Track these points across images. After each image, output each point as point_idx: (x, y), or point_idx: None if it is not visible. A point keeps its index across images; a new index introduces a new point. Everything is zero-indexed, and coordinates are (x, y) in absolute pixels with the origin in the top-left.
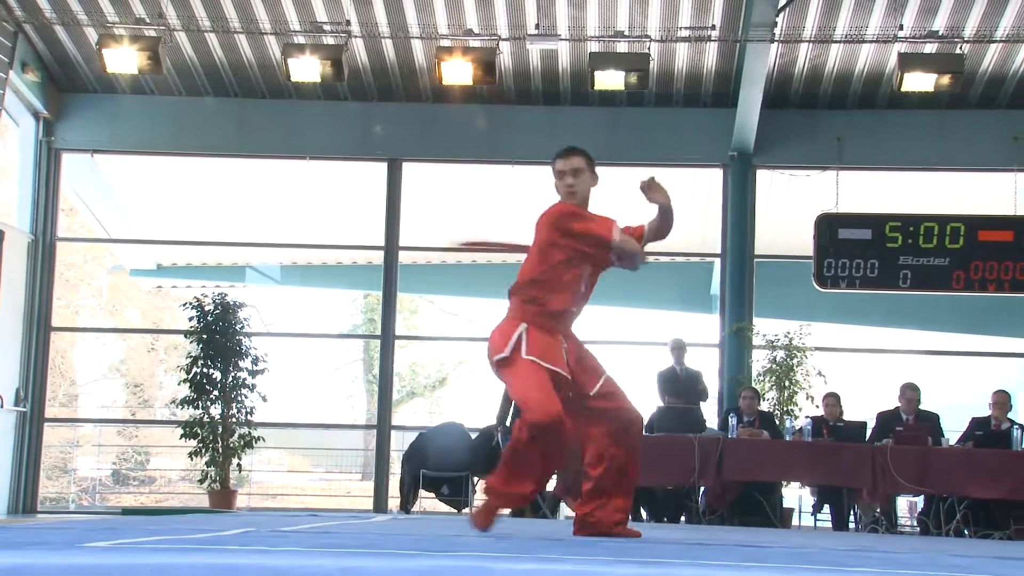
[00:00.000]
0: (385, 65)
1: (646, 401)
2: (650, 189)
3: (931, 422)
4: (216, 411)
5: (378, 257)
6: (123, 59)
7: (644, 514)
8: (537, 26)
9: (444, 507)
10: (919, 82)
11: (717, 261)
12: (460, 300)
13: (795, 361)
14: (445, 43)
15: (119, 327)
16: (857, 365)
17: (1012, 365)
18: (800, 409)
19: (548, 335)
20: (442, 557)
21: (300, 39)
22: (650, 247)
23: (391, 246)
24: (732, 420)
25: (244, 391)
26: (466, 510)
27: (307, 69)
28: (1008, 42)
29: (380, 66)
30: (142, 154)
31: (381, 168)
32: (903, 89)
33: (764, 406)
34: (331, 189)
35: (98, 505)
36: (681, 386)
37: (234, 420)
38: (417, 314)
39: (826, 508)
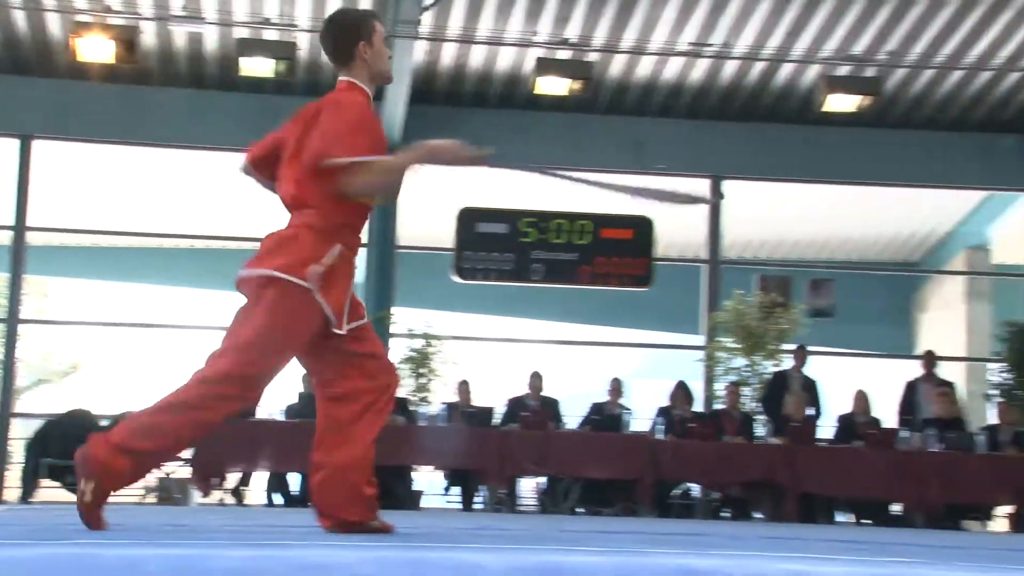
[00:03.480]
0: (16, 37)
1: (290, 388)
2: None
3: (552, 407)
4: None
5: (6, 237)
6: None
7: (278, 500)
8: (184, 8)
9: (71, 496)
10: (553, 86)
11: (363, 251)
12: (98, 283)
13: (432, 349)
14: (83, 18)
15: None
16: (492, 354)
17: (630, 354)
18: (436, 395)
19: None
20: (54, 545)
21: None
22: None
23: (20, 226)
24: None
25: None
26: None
27: None
28: (632, 53)
29: (12, 38)
30: None
31: (13, 144)
32: (538, 92)
33: (401, 392)
34: None
35: None
36: None
37: None
38: (48, 298)
39: (456, 490)
